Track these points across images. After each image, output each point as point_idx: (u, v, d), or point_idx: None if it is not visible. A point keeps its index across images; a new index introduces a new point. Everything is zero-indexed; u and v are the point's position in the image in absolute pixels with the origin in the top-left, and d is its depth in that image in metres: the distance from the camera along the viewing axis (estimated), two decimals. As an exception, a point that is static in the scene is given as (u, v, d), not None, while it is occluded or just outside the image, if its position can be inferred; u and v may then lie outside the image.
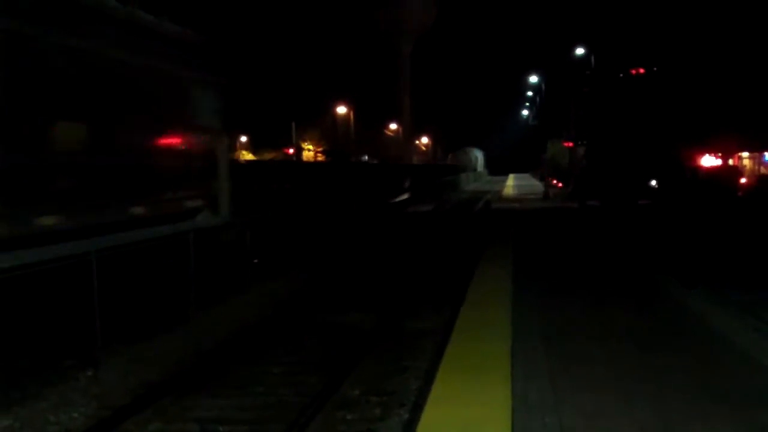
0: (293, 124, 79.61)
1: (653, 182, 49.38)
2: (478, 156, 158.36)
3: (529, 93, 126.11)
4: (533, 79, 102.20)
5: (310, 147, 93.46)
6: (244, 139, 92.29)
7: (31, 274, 11.43)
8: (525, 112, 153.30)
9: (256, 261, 21.09)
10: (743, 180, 46.34)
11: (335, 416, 10.37)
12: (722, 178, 44.36)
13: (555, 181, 73.43)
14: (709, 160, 49.12)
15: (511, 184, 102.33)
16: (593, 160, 58.85)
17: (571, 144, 66.05)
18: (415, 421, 8.68)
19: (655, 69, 55.95)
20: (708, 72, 49.23)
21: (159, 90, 16.96)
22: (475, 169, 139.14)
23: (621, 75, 58.59)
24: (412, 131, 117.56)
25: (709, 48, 49.20)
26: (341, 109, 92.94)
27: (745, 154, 52.80)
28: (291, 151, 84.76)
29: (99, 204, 14.29)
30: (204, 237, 17.71)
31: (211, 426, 10.12)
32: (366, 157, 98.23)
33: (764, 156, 52.40)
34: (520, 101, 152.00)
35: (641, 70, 56.78)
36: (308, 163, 72.07)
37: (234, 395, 11.32)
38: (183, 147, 18.47)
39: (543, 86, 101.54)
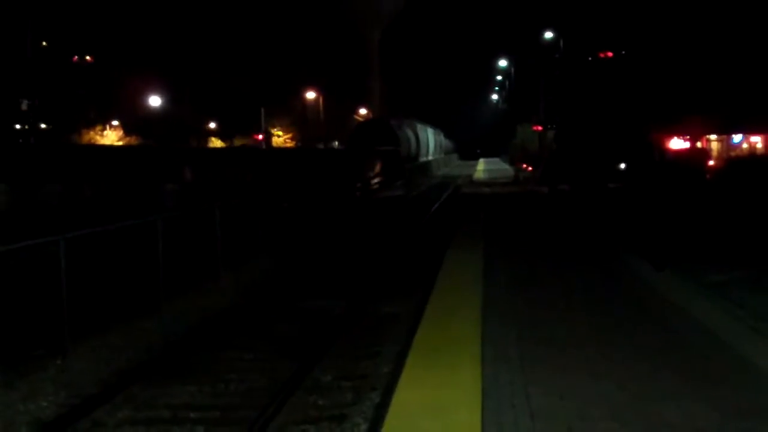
0: (262, 110, 79.32)
1: (622, 165, 49.60)
2: (429, 136, 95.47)
3: (499, 77, 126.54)
4: (503, 63, 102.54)
5: (280, 133, 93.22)
6: (213, 125, 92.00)
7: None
8: (495, 97, 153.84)
9: (225, 248, 20.96)
10: (711, 162, 46.58)
11: (307, 401, 10.37)
12: (690, 160, 44.53)
13: (525, 166, 73.60)
14: (677, 143, 49.31)
15: (481, 169, 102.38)
16: (562, 143, 59.02)
17: (540, 128, 66.26)
18: (386, 405, 8.69)
19: (623, 53, 56.11)
20: (676, 55, 49.42)
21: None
22: (413, 157, 76.33)
23: (590, 59, 58.74)
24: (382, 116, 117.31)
25: (677, 31, 49.40)
26: (311, 95, 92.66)
27: (713, 136, 53.06)
28: (260, 137, 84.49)
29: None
30: (173, 224, 17.61)
31: (182, 412, 10.09)
32: (336, 143, 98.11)
33: (732, 139, 52.72)
34: (490, 85, 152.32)
35: (609, 54, 56.93)
36: (276, 150, 71.77)
37: (205, 382, 11.28)
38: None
39: (512, 70, 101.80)
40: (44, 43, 74.97)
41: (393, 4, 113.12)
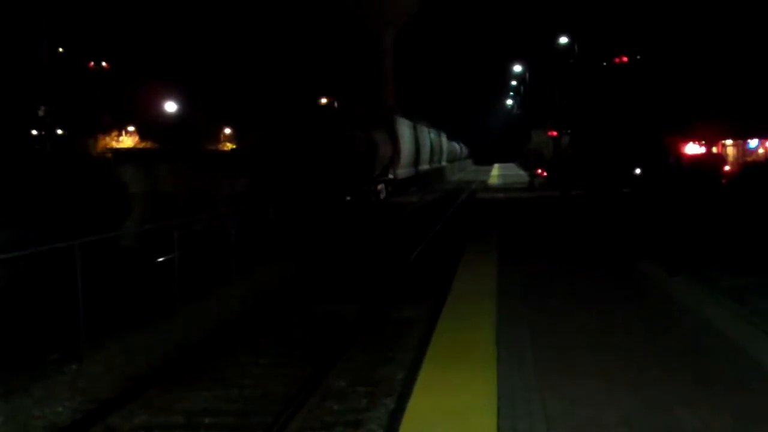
0: (275, 115, 79.39)
1: (637, 170, 49.43)
2: (424, 138, 71.49)
3: (514, 82, 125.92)
4: (517, 68, 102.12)
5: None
6: (228, 131, 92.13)
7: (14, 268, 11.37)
8: (509, 102, 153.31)
9: (240, 253, 20.96)
10: (727, 168, 46.37)
11: (322, 407, 10.35)
12: (706, 165, 44.35)
13: (540, 171, 73.38)
14: (692, 148, 49.03)
15: (496, 174, 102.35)
16: (577, 148, 58.87)
17: (555, 133, 66.00)
18: (401, 411, 8.67)
19: (638, 57, 55.99)
20: (691, 60, 49.27)
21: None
22: (386, 166, 53.67)
23: (604, 64, 58.59)
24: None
25: (692, 36, 49.25)
26: (324, 101, 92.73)
27: (729, 141, 52.82)
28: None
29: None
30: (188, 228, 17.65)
31: (198, 418, 10.08)
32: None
33: (748, 144, 52.46)
34: (504, 91, 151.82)
35: (624, 59, 56.81)
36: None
37: (220, 387, 11.27)
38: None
39: (527, 75, 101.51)
40: (60, 50, 75.31)
41: (407, 8, 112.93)
